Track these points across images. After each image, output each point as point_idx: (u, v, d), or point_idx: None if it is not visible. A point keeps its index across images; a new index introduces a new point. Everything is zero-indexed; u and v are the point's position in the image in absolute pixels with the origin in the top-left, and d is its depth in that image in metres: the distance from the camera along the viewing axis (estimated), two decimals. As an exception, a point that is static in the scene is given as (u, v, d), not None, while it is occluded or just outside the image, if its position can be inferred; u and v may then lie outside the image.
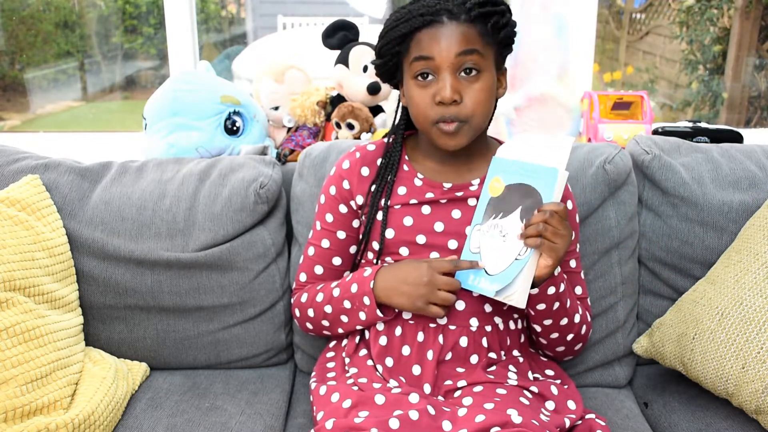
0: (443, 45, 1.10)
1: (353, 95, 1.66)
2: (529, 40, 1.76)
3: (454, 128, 1.12)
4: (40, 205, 1.30)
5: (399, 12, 1.14)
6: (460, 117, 1.12)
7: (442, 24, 1.10)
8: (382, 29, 1.17)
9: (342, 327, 1.23)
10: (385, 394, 1.10)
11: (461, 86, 1.11)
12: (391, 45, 1.14)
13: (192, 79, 1.60)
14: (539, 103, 1.79)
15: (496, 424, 1.01)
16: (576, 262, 1.26)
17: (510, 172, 1.11)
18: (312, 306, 1.25)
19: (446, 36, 1.10)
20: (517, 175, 1.10)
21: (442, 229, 1.19)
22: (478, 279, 1.12)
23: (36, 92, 3.86)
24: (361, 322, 1.20)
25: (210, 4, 5.05)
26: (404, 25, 1.12)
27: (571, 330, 1.21)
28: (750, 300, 1.18)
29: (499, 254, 1.10)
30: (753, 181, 1.38)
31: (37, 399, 1.09)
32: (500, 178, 1.12)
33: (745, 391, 1.17)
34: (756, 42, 3.35)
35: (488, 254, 1.11)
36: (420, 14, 1.11)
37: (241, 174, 1.39)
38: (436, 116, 1.12)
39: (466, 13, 1.10)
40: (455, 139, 1.13)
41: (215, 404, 1.29)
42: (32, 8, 3.71)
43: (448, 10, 1.10)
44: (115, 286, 1.35)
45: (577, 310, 1.21)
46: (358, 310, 1.18)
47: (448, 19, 1.10)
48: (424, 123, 1.15)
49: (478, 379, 1.15)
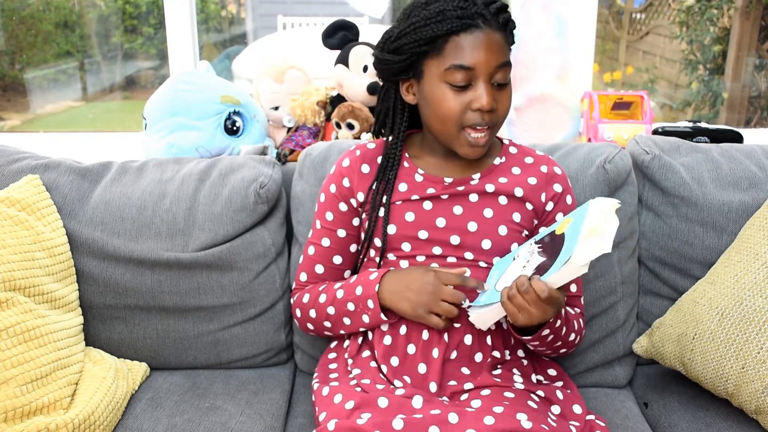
0: (485, 56, 1.09)
1: (353, 95, 1.66)
2: (529, 40, 1.76)
3: (485, 140, 1.13)
4: (40, 205, 1.30)
5: (428, 10, 1.10)
6: (493, 122, 1.13)
7: (479, 29, 1.09)
8: (404, 25, 1.12)
9: (344, 329, 1.23)
10: (389, 396, 1.10)
11: (495, 94, 1.12)
12: (419, 44, 1.11)
13: (192, 79, 1.60)
14: (539, 103, 1.79)
15: (506, 429, 1.01)
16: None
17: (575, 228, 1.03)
18: (314, 307, 1.25)
19: (486, 45, 1.09)
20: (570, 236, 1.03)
21: (444, 224, 1.19)
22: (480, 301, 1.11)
23: (36, 92, 3.86)
24: (364, 324, 1.20)
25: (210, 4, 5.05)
26: (438, 26, 1.08)
27: (564, 346, 1.22)
28: (750, 300, 1.18)
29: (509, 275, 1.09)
30: (753, 181, 1.38)
31: (37, 399, 1.09)
32: (571, 222, 1.05)
33: (745, 391, 1.17)
34: (756, 42, 3.35)
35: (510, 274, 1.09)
36: (457, 16, 1.08)
37: (241, 174, 1.39)
38: (469, 122, 1.12)
39: (495, 18, 1.10)
40: (480, 149, 1.15)
41: (215, 404, 1.29)
42: (32, 8, 3.71)
43: (482, 15, 1.09)
44: (115, 286, 1.35)
45: (572, 330, 1.21)
46: (362, 312, 1.18)
47: (483, 24, 1.09)
48: (451, 128, 1.13)
49: (485, 382, 1.14)
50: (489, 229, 1.18)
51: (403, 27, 1.13)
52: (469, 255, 1.19)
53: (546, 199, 1.21)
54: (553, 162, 1.25)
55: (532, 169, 1.23)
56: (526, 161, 1.24)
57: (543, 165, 1.24)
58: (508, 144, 1.27)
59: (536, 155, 1.25)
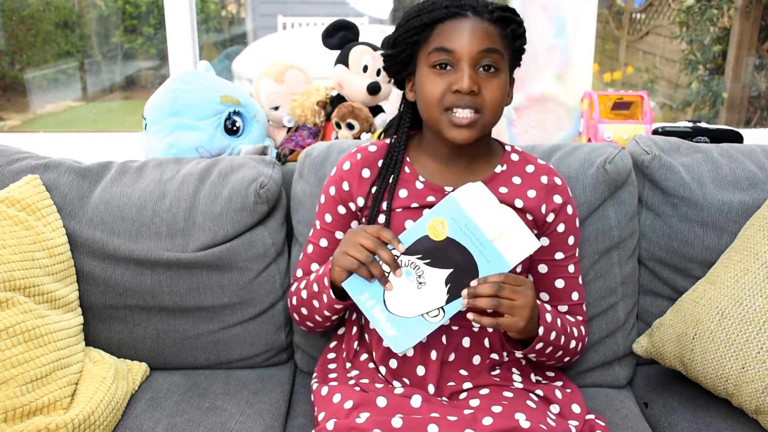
0: (466, 39, 1.09)
1: (353, 95, 1.66)
2: (529, 40, 1.75)
3: (469, 120, 1.10)
4: (40, 205, 1.30)
5: (422, 3, 1.14)
6: (476, 105, 1.10)
7: (466, 18, 1.10)
8: (401, 19, 1.16)
9: (317, 313, 1.22)
10: (387, 395, 1.10)
11: (479, 80, 1.11)
12: (410, 34, 1.13)
13: (192, 79, 1.60)
14: (539, 103, 1.79)
15: (504, 429, 1.01)
16: (574, 267, 1.25)
17: (461, 226, 1.05)
18: (296, 294, 1.26)
19: (470, 30, 1.10)
20: (467, 238, 1.05)
21: None
22: (372, 302, 1.06)
23: (36, 92, 3.86)
24: (324, 305, 1.18)
25: (210, 4, 5.04)
26: (427, 15, 1.12)
27: (566, 355, 1.22)
28: (750, 300, 1.18)
29: (407, 298, 1.05)
30: (753, 181, 1.38)
31: (37, 399, 1.09)
32: (447, 223, 1.05)
33: (745, 391, 1.17)
34: (756, 42, 3.35)
35: (396, 294, 1.06)
36: (445, 6, 1.11)
37: (241, 174, 1.39)
38: (449, 103, 1.11)
39: (489, 14, 1.11)
40: (465, 131, 1.11)
41: (215, 404, 1.29)
42: (32, 8, 3.71)
43: (473, 7, 1.11)
44: (115, 286, 1.35)
45: (573, 337, 1.21)
46: (322, 292, 1.18)
47: (472, 14, 1.10)
48: (434, 110, 1.12)
49: (483, 382, 1.14)
50: None
51: (401, 20, 1.17)
52: None
53: (546, 210, 1.21)
54: (553, 172, 1.25)
55: (532, 180, 1.22)
56: (527, 170, 1.23)
57: (543, 175, 1.22)
58: (510, 151, 1.26)
59: (537, 164, 1.24)
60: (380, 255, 1.07)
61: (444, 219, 1.06)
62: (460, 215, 1.06)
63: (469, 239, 1.05)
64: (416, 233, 1.07)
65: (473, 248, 1.05)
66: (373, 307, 1.07)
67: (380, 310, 1.06)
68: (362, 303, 1.07)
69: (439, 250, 1.06)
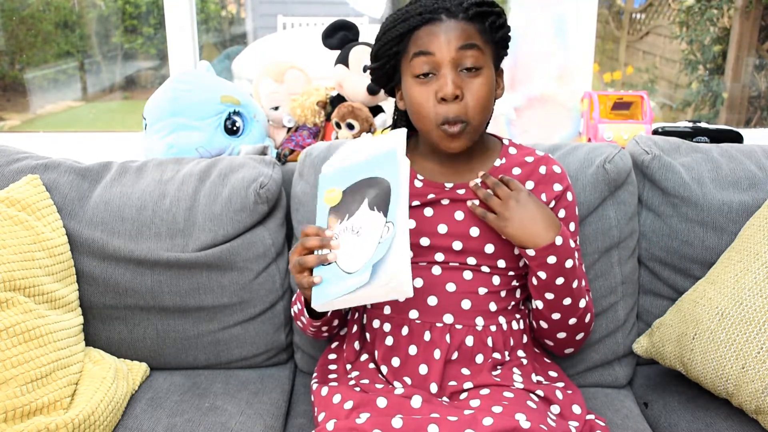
0: (443, 40, 1.10)
1: (353, 95, 1.66)
2: (529, 40, 1.76)
3: (458, 129, 1.12)
4: (40, 205, 1.30)
5: (396, 14, 1.15)
6: (463, 117, 1.11)
7: (440, 21, 1.11)
8: (378, 32, 1.18)
9: (310, 327, 1.25)
10: (387, 396, 1.10)
11: (462, 82, 1.11)
12: (389, 45, 1.15)
13: (192, 79, 1.60)
14: (539, 103, 1.79)
15: (505, 429, 1.00)
16: (576, 254, 1.25)
17: (343, 178, 1.10)
18: (292, 305, 1.30)
19: (446, 32, 1.10)
20: (352, 177, 1.09)
21: (445, 230, 1.18)
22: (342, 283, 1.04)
23: (36, 92, 3.86)
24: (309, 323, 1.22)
25: (210, 4, 5.04)
26: (402, 24, 1.12)
27: (574, 314, 1.19)
28: (750, 300, 1.18)
29: (359, 250, 1.04)
30: (753, 181, 1.38)
31: (37, 399, 1.09)
32: (335, 188, 1.10)
33: (745, 391, 1.17)
34: (756, 42, 3.35)
35: (346, 256, 1.06)
36: (418, 13, 1.11)
37: (241, 174, 1.39)
38: (440, 117, 1.12)
39: (464, 12, 1.11)
40: (458, 141, 1.13)
41: (215, 404, 1.29)
42: (32, 8, 3.71)
43: (447, 9, 1.11)
44: (115, 286, 1.35)
45: (583, 296, 1.20)
46: (301, 313, 1.23)
47: (446, 17, 1.11)
48: (427, 125, 1.14)
49: (484, 382, 1.14)
50: (491, 233, 1.18)
51: (378, 34, 1.18)
52: (472, 260, 1.18)
53: (548, 199, 1.21)
54: (552, 161, 1.25)
55: (531, 171, 1.22)
56: (527, 160, 1.24)
57: (542, 165, 1.23)
58: (508, 144, 1.27)
59: (535, 155, 1.25)
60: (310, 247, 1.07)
61: (331, 188, 1.11)
62: (336, 175, 1.12)
63: (354, 175, 1.09)
64: (323, 215, 1.11)
65: (364, 175, 1.08)
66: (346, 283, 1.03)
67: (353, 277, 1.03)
68: (339, 294, 1.04)
69: (345, 203, 1.09)
